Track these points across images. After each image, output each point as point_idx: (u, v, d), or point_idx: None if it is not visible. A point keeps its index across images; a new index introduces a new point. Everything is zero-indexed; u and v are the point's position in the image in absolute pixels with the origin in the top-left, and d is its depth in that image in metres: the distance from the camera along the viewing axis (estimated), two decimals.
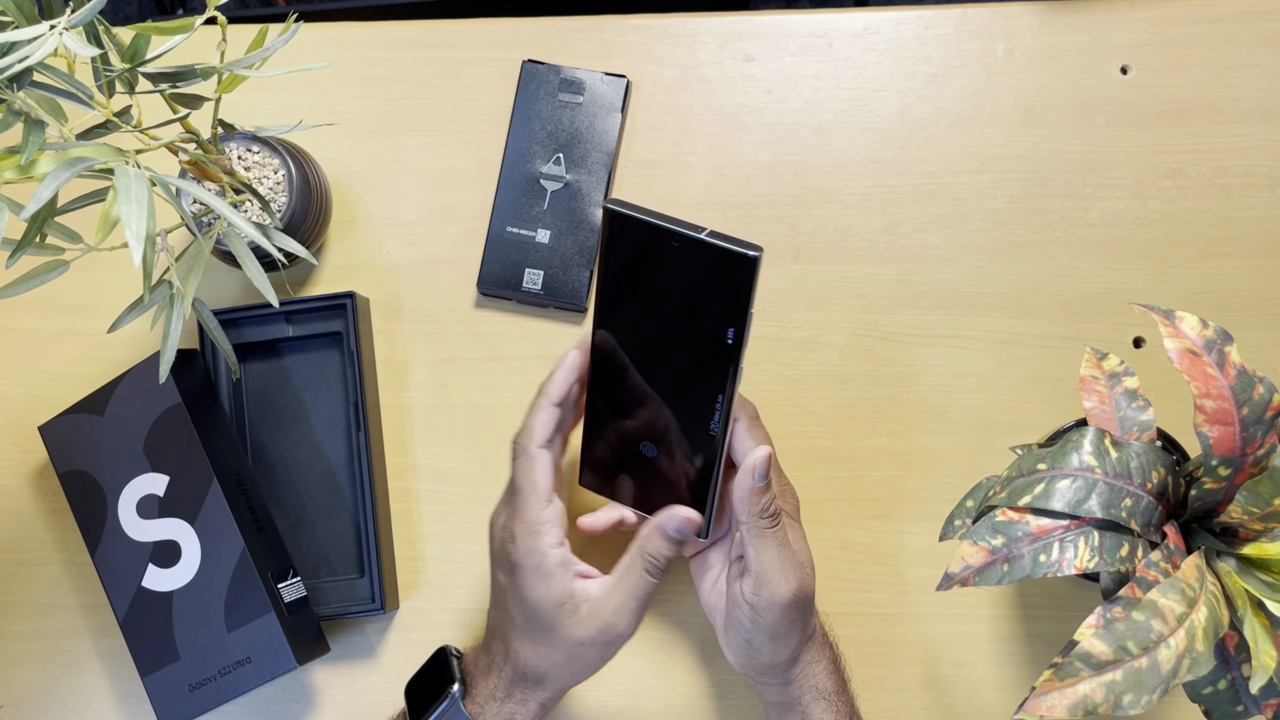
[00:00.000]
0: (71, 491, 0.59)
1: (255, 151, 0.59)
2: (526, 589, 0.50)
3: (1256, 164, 0.65)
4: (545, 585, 0.50)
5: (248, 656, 0.55)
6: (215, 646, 0.56)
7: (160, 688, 0.56)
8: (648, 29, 0.68)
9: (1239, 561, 0.47)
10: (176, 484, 0.57)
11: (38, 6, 0.41)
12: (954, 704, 0.61)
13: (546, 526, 0.50)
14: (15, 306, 0.65)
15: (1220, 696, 0.46)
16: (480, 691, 0.52)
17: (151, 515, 0.57)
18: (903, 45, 0.67)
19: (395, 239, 0.66)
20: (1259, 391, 0.45)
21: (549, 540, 0.50)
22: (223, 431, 0.59)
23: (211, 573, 0.56)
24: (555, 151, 0.65)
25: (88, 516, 0.58)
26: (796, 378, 0.65)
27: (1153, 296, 0.64)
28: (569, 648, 0.50)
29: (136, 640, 0.57)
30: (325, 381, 0.62)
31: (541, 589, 0.50)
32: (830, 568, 0.63)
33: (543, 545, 0.50)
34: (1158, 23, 0.67)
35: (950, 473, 0.63)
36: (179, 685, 0.56)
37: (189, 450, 0.57)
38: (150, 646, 0.57)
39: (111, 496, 0.58)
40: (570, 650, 0.50)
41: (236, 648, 0.56)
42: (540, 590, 0.50)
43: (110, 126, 0.44)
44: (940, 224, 0.65)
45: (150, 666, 0.57)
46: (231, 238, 0.48)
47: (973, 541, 0.45)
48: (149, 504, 0.57)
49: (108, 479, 0.58)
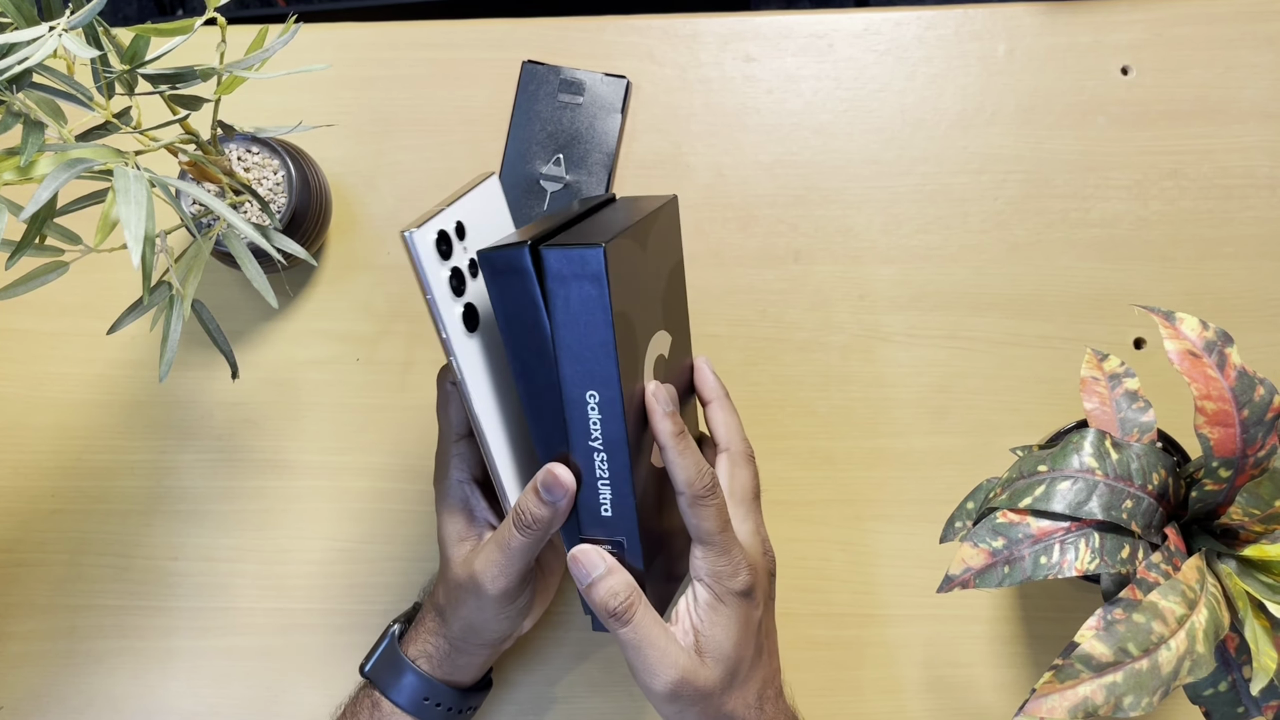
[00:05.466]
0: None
1: (255, 152, 0.59)
2: (438, 516, 0.52)
3: (1257, 164, 0.65)
4: (449, 515, 0.51)
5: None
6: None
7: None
8: (648, 29, 0.68)
9: (1240, 563, 0.46)
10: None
11: (37, 8, 0.40)
12: (954, 705, 0.61)
13: (453, 459, 0.52)
14: (15, 307, 0.65)
15: (1221, 698, 0.46)
16: (415, 628, 0.55)
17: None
18: (903, 46, 0.67)
19: (395, 239, 0.66)
20: (1259, 393, 0.45)
21: (454, 474, 0.51)
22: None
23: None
24: (555, 152, 0.65)
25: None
26: (797, 378, 0.64)
27: (1153, 297, 0.64)
28: (451, 586, 0.51)
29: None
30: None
31: (445, 517, 0.51)
32: (830, 568, 0.62)
33: (449, 476, 0.51)
34: (1158, 23, 0.66)
35: (950, 474, 0.63)
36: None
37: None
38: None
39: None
40: (452, 588, 0.51)
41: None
42: (444, 518, 0.52)
43: (110, 128, 0.44)
44: (941, 224, 0.65)
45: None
46: (231, 239, 0.48)
47: (973, 543, 0.45)
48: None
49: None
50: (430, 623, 0.54)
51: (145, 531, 0.64)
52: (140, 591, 0.63)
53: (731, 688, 0.47)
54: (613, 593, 0.46)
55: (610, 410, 0.44)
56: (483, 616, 0.51)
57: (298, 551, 0.64)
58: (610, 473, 0.46)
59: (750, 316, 0.65)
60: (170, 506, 0.64)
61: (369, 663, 0.55)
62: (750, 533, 0.50)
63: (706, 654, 0.47)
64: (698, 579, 0.47)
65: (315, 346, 0.65)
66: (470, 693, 0.56)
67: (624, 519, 0.47)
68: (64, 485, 0.64)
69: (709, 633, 0.47)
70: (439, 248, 0.44)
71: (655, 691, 0.46)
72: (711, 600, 0.47)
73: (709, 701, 0.47)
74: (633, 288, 0.45)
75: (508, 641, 0.55)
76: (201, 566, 0.63)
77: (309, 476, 0.64)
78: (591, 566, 0.46)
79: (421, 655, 0.53)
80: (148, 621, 0.63)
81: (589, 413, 0.45)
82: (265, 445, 0.65)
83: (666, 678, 0.45)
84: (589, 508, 0.47)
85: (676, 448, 0.46)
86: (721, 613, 0.47)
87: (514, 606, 0.51)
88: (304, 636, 0.63)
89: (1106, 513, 0.45)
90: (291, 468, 0.64)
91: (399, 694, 0.53)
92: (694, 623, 0.47)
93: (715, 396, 0.53)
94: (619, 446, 0.45)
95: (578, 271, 0.42)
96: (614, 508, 0.47)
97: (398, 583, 0.63)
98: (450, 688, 0.54)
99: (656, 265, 0.49)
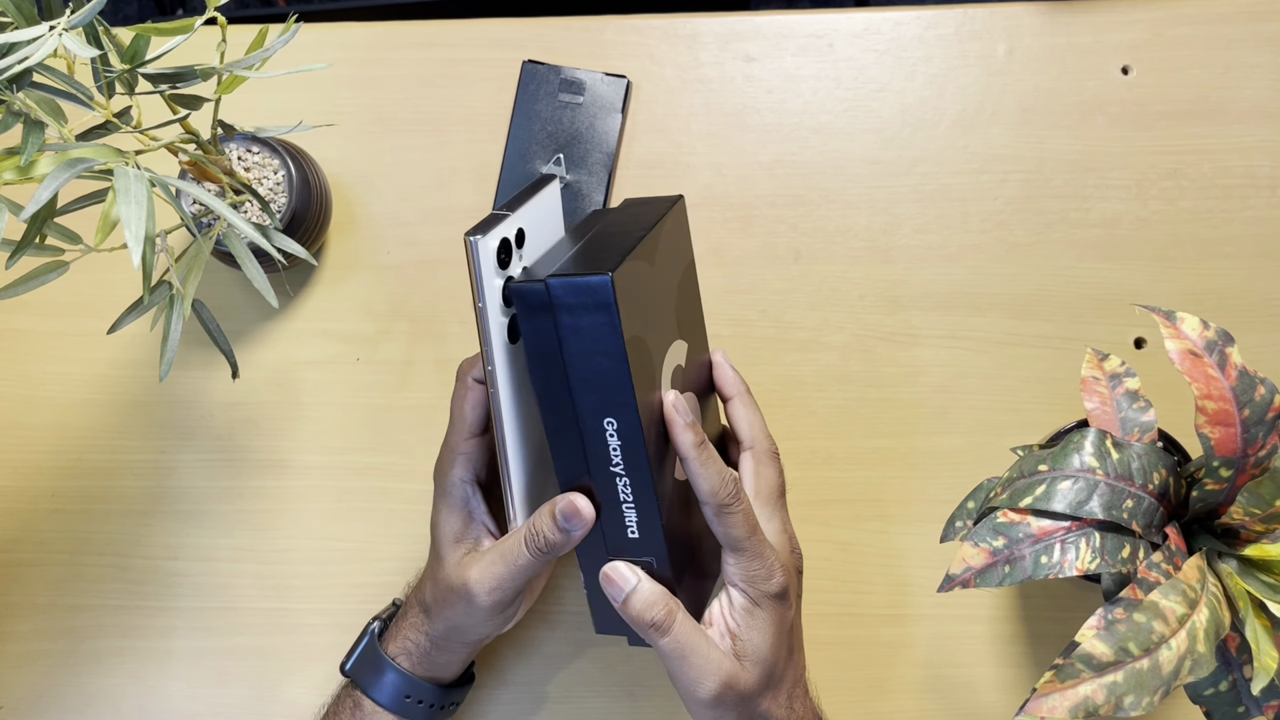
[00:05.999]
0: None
1: (255, 152, 0.59)
2: (436, 511, 0.52)
3: (1257, 164, 0.65)
4: (447, 513, 0.51)
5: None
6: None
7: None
8: (648, 29, 0.68)
9: (1240, 563, 0.46)
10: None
11: (37, 7, 0.40)
12: (954, 705, 0.61)
13: (460, 457, 0.51)
14: (15, 306, 0.65)
15: (1221, 698, 0.46)
16: (396, 624, 0.54)
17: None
18: (903, 45, 0.67)
19: (395, 239, 0.66)
20: (1260, 392, 0.45)
21: (458, 472, 0.51)
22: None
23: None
24: (555, 152, 0.65)
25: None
26: (797, 378, 0.64)
27: (1153, 297, 0.64)
28: (442, 587, 0.50)
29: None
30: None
31: (443, 514, 0.51)
32: (831, 568, 0.62)
33: (453, 474, 0.51)
34: (1158, 23, 0.66)
35: (951, 474, 0.63)
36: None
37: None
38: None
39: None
40: (441, 589, 0.50)
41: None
42: (442, 515, 0.51)
43: (110, 127, 0.44)
44: (941, 224, 0.65)
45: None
46: (231, 238, 0.48)
47: (974, 543, 0.45)
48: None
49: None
50: (413, 618, 0.53)
51: (145, 531, 0.64)
52: (140, 591, 0.63)
53: (767, 689, 0.47)
54: (649, 604, 0.46)
55: (629, 435, 0.44)
56: (470, 621, 0.50)
57: (298, 551, 0.64)
58: (634, 495, 0.45)
59: (750, 316, 0.65)
60: (170, 506, 0.64)
61: (349, 661, 0.55)
62: (777, 531, 0.50)
63: (745, 657, 0.47)
64: (732, 584, 0.47)
65: (315, 346, 0.65)
66: (452, 688, 0.55)
67: (651, 539, 0.46)
68: (64, 485, 0.64)
69: (747, 636, 0.47)
70: (499, 256, 0.44)
71: (699, 698, 0.46)
72: (748, 605, 0.47)
73: (748, 704, 0.47)
74: (643, 307, 0.45)
75: (487, 641, 0.55)
76: (201, 566, 0.63)
77: (309, 476, 0.64)
78: (625, 582, 0.46)
79: (401, 652, 0.53)
80: (147, 621, 0.63)
81: (608, 439, 0.44)
82: (265, 445, 0.65)
83: (711, 684, 0.45)
84: (615, 531, 0.46)
85: (699, 459, 0.45)
86: (758, 616, 0.47)
87: (502, 615, 0.51)
88: (304, 636, 0.63)
89: (1107, 512, 0.45)
90: (291, 468, 0.64)
91: (380, 692, 0.53)
92: (730, 627, 0.47)
93: (736, 392, 0.53)
94: (641, 470, 0.45)
95: (585, 301, 0.42)
96: (640, 529, 0.46)
97: (398, 583, 0.63)
98: (431, 684, 0.54)
99: (667, 276, 0.49)
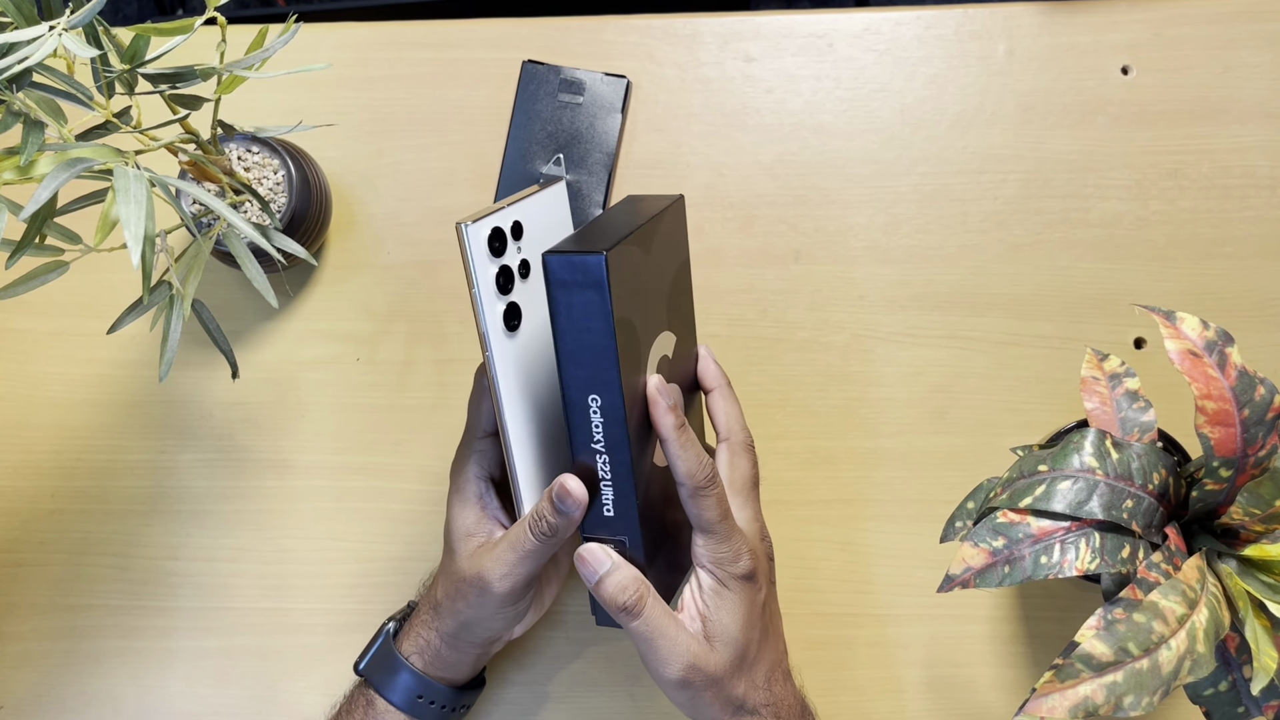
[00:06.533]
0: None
1: (255, 152, 0.59)
2: (450, 507, 0.52)
3: (1257, 164, 0.65)
4: (460, 508, 0.51)
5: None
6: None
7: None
8: (648, 29, 0.68)
9: (1240, 563, 0.46)
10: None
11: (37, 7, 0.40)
12: (954, 705, 0.61)
13: (475, 455, 0.52)
14: (15, 306, 0.65)
15: (1221, 698, 0.46)
16: (409, 624, 0.55)
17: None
18: (903, 45, 0.67)
19: (395, 239, 0.66)
20: (1260, 393, 0.45)
21: (472, 469, 0.52)
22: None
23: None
24: (555, 152, 0.65)
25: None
26: (797, 378, 0.65)
27: (1153, 297, 0.64)
28: (455, 580, 0.51)
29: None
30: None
31: (457, 510, 0.52)
32: (830, 568, 0.62)
33: (467, 470, 0.52)
34: (1158, 23, 0.66)
35: (951, 474, 0.63)
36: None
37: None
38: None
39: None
40: (454, 582, 0.51)
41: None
42: (455, 511, 0.52)
43: (110, 127, 0.44)
44: (940, 224, 0.65)
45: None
46: (231, 238, 0.48)
47: (974, 543, 0.45)
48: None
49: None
50: (425, 615, 0.54)
51: (145, 531, 0.64)
52: (140, 591, 0.63)
53: (740, 671, 0.48)
54: (621, 588, 0.47)
55: (612, 414, 0.45)
56: (482, 614, 0.51)
57: (298, 551, 0.64)
58: (612, 474, 0.46)
59: (750, 316, 0.65)
60: (170, 506, 0.64)
61: (363, 660, 0.55)
62: (749, 519, 0.51)
63: (714, 639, 0.47)
64: (700, 566, 0.48)
65: (315, 346, 0.65)
66: (464, 691, 0.56)
67: (626, 519, 0.47)
68: (64, 485, 0.64)
69: (715, 617, 0.48)
70: (491, 244, 0.45)
71: (667, 679, 0.47)
72: (715, 586, 0.48)
73: (719, 686, 0.48)
74: (635, 292, 0.46)
75: (497, 645, 0.55)
76: (201, 566, 0.63)
77: (309, 476, 0.64)
78: (598, 564, 0.47)
79: (414, 651, 0.54)
80: (148, 621, 0.63)
81: (591, 416, 0.45)
82: (265, 445, 0.65)
83: (678, 665, 0.46)
84: (592, 508, 0.47)
85: (678, 441, 0.46)
86: (726, 597, 0.48)
87: (514, 608, 0.51)
88: (304, 636, 0.63)
89: (1107, 512, 0.45)
90: (291, 468, 0.64)
91: (393, 692, 0.53)
92: (700, 609, 0.48)
93: (716, 385, 0.53)
94: (621, 449, 0.46)
95: (579, 278, 0.43)
96: (616, 508, 0.47)
97: (398, 583, 0.63)
98: (444, 685, 0.54)
99: (661, 268, 0.49)
